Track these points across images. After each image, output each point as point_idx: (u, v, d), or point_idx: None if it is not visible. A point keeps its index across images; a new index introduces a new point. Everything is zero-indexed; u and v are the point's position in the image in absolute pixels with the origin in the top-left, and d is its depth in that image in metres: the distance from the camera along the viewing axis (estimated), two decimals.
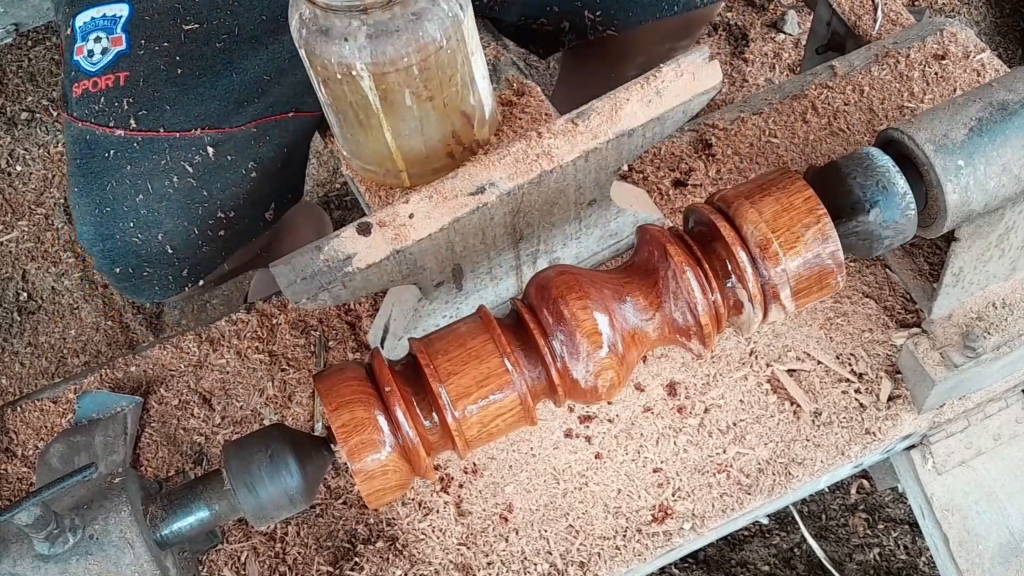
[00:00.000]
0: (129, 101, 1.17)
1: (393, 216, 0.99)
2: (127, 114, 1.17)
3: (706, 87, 1.04)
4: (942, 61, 1.35)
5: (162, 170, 1.18)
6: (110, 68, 1.18)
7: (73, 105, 1.19)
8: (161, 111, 1.17)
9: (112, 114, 1.17)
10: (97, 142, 1.17)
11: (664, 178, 1.32)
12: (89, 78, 1.18)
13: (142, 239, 1.20)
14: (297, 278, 0.97)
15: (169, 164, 1.18)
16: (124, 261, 1.21)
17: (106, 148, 1.17)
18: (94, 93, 1.17)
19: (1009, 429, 1.21)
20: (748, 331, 0.96)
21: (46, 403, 1.25)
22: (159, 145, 1.17)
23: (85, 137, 1.18)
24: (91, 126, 1.17)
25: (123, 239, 1.19)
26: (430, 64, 0.98)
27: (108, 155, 1.17)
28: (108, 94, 1.17)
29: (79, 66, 1.19)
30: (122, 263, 1.22)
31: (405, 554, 1.11)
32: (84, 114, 1.18)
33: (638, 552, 1.10)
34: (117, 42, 1.18)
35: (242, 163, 1.22)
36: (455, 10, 0.98)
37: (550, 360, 0.90)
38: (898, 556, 1.55)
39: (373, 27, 0.95)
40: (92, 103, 1.17)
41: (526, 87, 1.20)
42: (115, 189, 1.18)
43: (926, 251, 1.19)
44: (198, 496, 0.93)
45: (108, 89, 1.17)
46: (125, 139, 1.17)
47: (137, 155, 1.17)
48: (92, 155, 1.18)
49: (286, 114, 1.23)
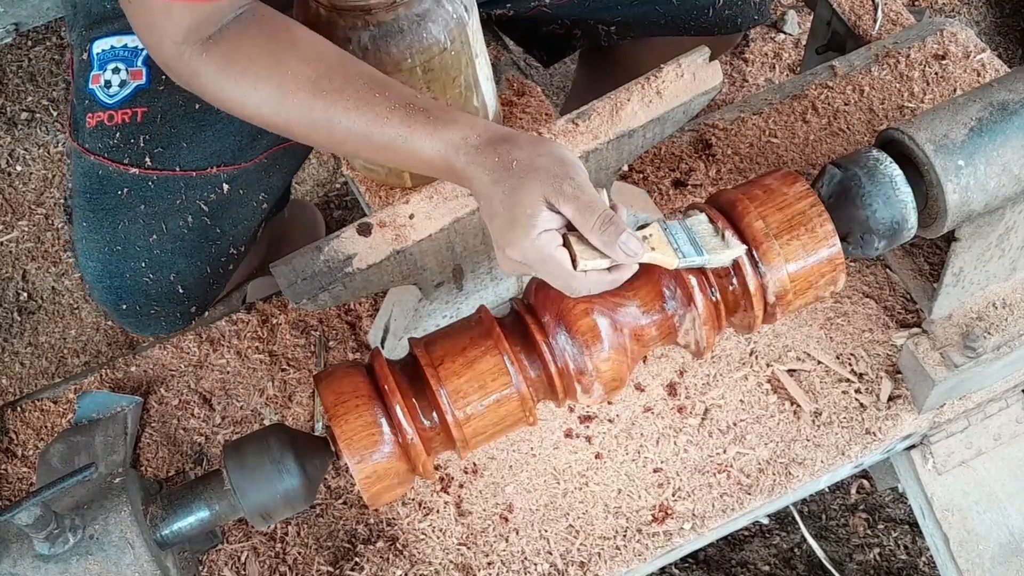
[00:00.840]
0: (145, 138, 1.14)
1: (393, 216, 0.99)
2: (143, 151, 1.14)
3: (706, 87, 1.04)
4: (942, 61, 1.35)
5: (177, 209, 1.15)
6: (128, 102, 1.14)
7: (86, 136, 1.15)
8: (178, 148, 1.14)
9: (127, 151, 1.14)
10: (110, 178, 1.15)
11: (664, 178, 1.32)
12: (105, 110, 1.14)
13: (153, 279, 1.17)
14: (297, 278, 0.97)
15: (184, 203, 1.16)
16: (132, 299, 1.19)
17: (119, 186, 1.15)
18: (109, 127, 1.14)
19: (1009, 429, 1.21)
20: (748, 331, 0.96)
21: (46, 403, 1.25)
22: (174, 184, 1.15)
23: (97, 172, 1.15)
24: (104, 161, 1.14)
25: (133, 279, 1.17)
26: (434, 65, 0.98)
27: (121, 193, 1.15)
28: (124, 129, 1.14)
29: (94, 96, 1.15)
30: (129, 301, 1.20)
31: (405, 554, 1.11)
32: (97, 148, 1.14)
33: (638, 552, 1.10)
34: (137, 75, 1.15)
35: (253, 196, 1.20)
36: (459, 12, 0.98)
37: (550, 360, 0.90)
38: (898, 556, 1.55)
39: (377, 28, 0.95)
40: (107, 137, 1.14)
41: (526, 87, 1.20)
42: (127, 228, 1.15)
43: (926, 251, 1.19)
44: (198, 496, 0.93)
45: (124, 124, 1.14)
46: (140, 177, 1.14)
47: (152, 194, 1.15)
48: (104, 191, 1.15)
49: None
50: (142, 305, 1.20)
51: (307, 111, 0.88)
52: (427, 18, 0.95)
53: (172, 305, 1.21)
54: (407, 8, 0.94)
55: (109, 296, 1.20)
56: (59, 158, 2.06)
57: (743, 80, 2.04)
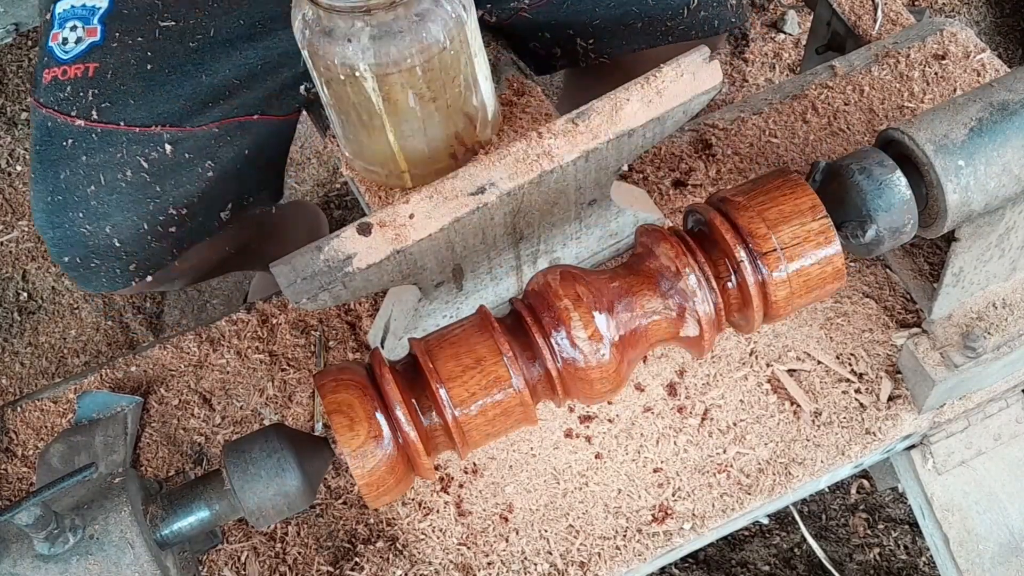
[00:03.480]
0: (94, 92, 1.17)
1: (393, 216, 0.99)
2: (90, 105, 1.17)
3: (706, 87, 1.04)
4: (942, 61, 1.35)
5: (117, 163, 1.18)
6: (81, 58, 1.18)
7: (41, 90, 1.19)
8: (124, 105, 1.17)
9: (76, 103, 1.17)
10: (57, 130, 1.18)
11: (664, 178, 1.32)
12: (60, 66, 1.18)
13: (90, 230, 1.20)
14: (297, 278, 0.97)
15: (125, 158, 1.18)
16: (72, 251, 1.22)
17: (65, 136, 1.17)
18: (62, 81, 1.17)
19: (1009, 429, 1.21)
20: (748, 331, 0.96)
21: (46, 403, 1.25)
22: (117, 138, 1.17)
23: (47, 124, 1.18)
24: (54, 113, 1.17)
25: (72, 228, 1.20)
26: (433, 65, 0.98)
27: (66, 144, 1.17)
28: (75, 83, 1.17)
29: (52, 52, 1.19)
30: (70, 252, 1.22)
31: (405, 554, 1.11)
32: (49, 101, 1.18)
33: (638, 552, 1.10)
34: (92, 32, 1.18)
35: (199, 162, 1.22)
36: (458, 11, 0.98)
37: (550, 360, 0.90)
38: (898, 556, 1.55)
39: (376, 28, 0.95)
40: (59, 91, 1.17)
41: (526, 87, 1.20)
42: (68, 178, 1.18)
43: (926, 251, 1.19)
44: (198, 496, 0.93)
45: (76, 79, 1.17)
46: (84, 129, 1.17)
47: (94, 146, 1.17)
48: (51, 142, 1.18)
49: (251, 116, 1.23)
50: (82, 257, 1.23)
51: None
52: (427, 18, 0.95)
53: (111, 260, 1.23)
54: (407, 8, 0.94)
55: (53, 248, 1.23)
56: None
57: (743, 80, 2.04)
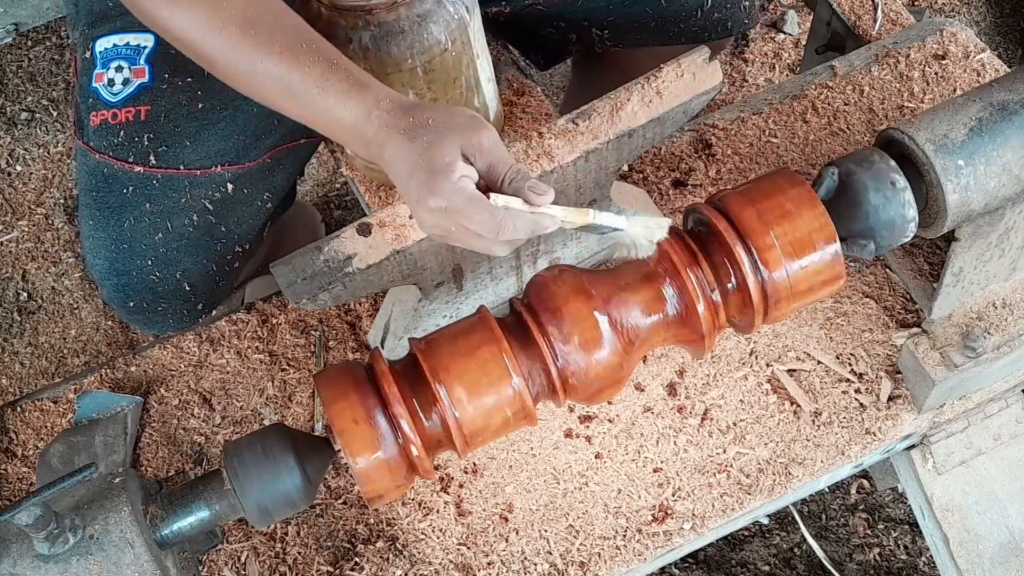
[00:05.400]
0: (150, 136, 1.14)
1: (393, 216, 0.99)
2: (147, 150, 1.14)
3: (706, 87, 1.04)
4: (942, 61, 1.35)
5: (182, 208, 1.16)
6: (131, 100, 1.15)
7: (90, 134, 1.16)
8: (181, 147, 1.15)
9: (132, 149, 1.14)
10: (115, 177, 1.15)
11: (664, 178, 1.32)
12: (108, 108, 1.15)
13: (160, 277, 1.18)
14: (297, 278, 0.97)
15: (189, 202, 1.16)
16: (139, 297, 1.20)
17: (124, 184, 1.15)
18: (113, 125, 1.15)
19: (1009, 429, 1.21)
20: (748, 331, 0.96)
21: (46, 403, 1.25)
22: (179, 183, 1.16)
23: (102, 170, 1.16)
24: (109, 159, 1.15)
25: (140, 276, 1.18)
26: (435, 66, 0.98)
27: (127, 191, 1.15)
28: (128, 127, 1.15)
29: (98, 94, 1.16)
30: (137, 298, 1.20)
31: (405, 554, 1.11)
32: (102, 146, 1.15)
33: (638, 552, 1.10)
34: (139, 73, 1.15)
35: (258, 195, 1.21)
36: (461, 12, 0.98)
37: (550, 360, 0.90)
38: (898, 556, 1.55)
39: (378, 28, 0.95)
40: (111, 135, 1.15)
41: (526, 87, 1.20)
42: (133, 226, 1.16)
43: (926, 251, 1.19)
44: (198, 496, 0.93)
45: (128, 122, 1.15)
46: (144, 175, 1.15)
47: (156, 192, 1.15)
48: (109, 190, 1.16)
49: (298, 141, 1.22)
50: (149, 303, 1.21)
51: (232, 46, 0.88)
52: (428, 19, 0.95)
53: (179, 302, 1.22)
54: (408, 8, 0.94)
55: (117, 294, 1.20)
56: (59, 158, 2.06)
57: (743, 80, 2.04)
